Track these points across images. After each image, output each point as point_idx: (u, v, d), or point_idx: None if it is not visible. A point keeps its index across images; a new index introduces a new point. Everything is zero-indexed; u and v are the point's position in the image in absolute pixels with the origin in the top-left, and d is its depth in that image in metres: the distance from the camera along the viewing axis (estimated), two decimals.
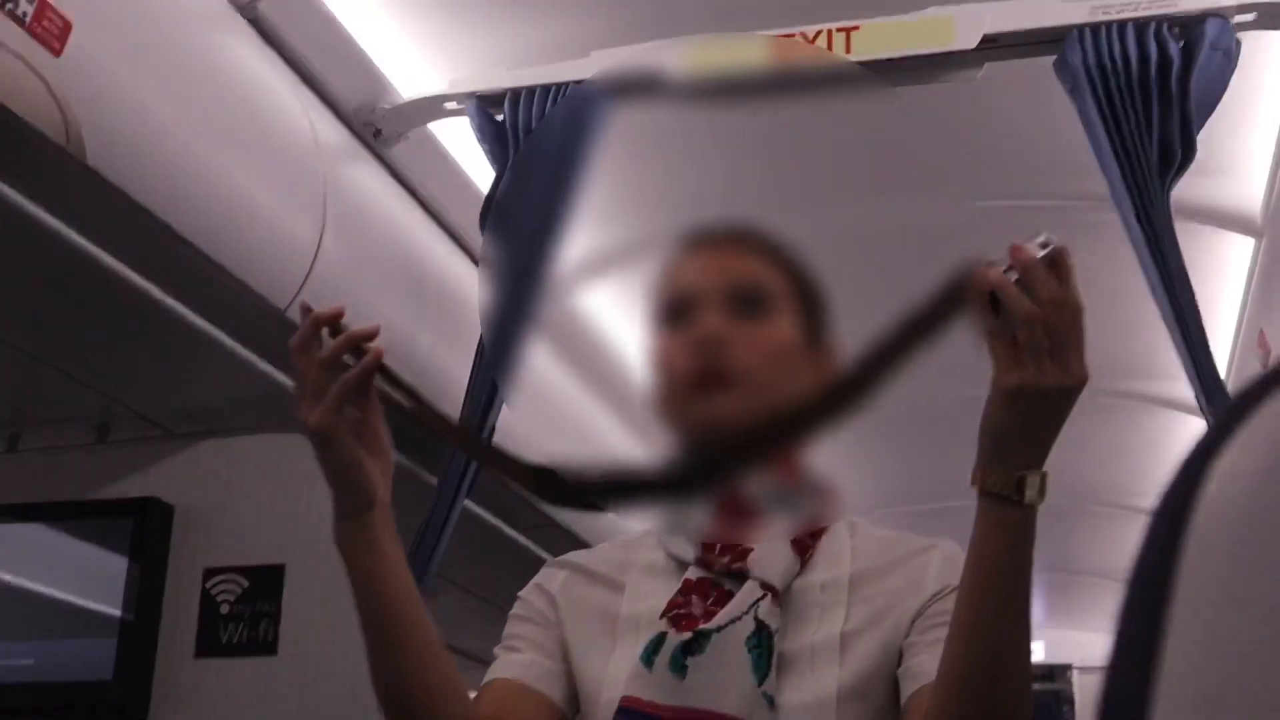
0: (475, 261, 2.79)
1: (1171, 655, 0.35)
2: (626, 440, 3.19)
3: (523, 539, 3.06)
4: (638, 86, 2.46)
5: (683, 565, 1.19)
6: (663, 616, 1.18)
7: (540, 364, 2.65)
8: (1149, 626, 0.36)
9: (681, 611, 1.21)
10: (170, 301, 1.98)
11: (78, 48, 1.65)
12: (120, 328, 2.06)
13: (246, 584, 2.11)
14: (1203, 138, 2.27)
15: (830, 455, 1.35)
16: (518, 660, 1.22)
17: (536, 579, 1.33)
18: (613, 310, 3.10)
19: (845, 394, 1.06)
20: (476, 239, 2.56)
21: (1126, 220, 2.29)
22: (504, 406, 2.33)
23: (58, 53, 1.61)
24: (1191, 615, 0.35)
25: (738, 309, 1.20)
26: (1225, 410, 0.38)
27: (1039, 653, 7.30)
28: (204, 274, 1.99)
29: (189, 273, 1.98)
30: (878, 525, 1.30)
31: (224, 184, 1.98)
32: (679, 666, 1.19)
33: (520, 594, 1.30)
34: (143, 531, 2.13)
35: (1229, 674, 0.34)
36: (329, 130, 2.31)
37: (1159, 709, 0.35)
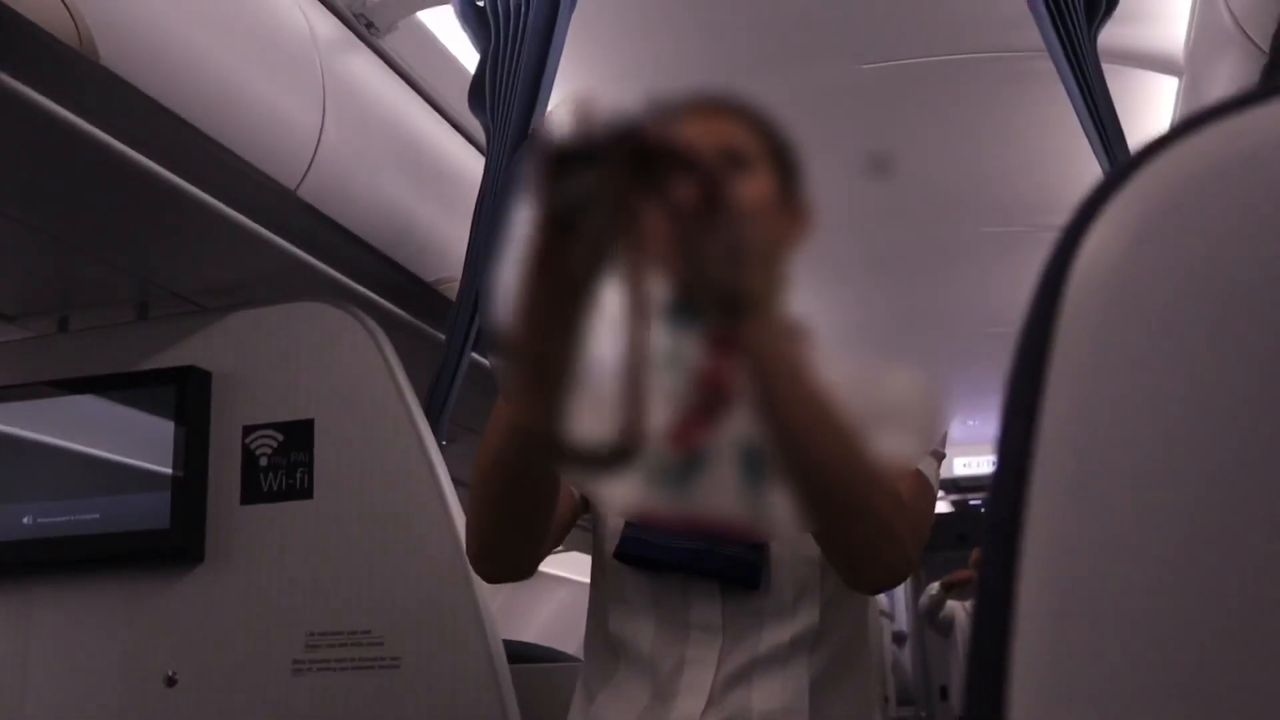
0: (467, 138, 2.78)
1: (1050, 412, 0.37)
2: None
3: None
4: None
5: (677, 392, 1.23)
6: (661, 438, 1.23)
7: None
8: (1032, 388, 0.37)
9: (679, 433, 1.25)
10: (192, 189, 1.98)
11: None
12: (151, 216, 2.07)
13: (281, 438, 2.15)
14: None
15: (802, 295, 1.37)
16: None
17: None
18: None
19: None
20: (468, 117, 2.54)
21: (1059, 66, 2.28)
22: (499, 268, 2.35)
23: None
24: (1068, 374, 0.37)
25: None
26: (1096, 187, 0.39)
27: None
28: (220, 162, 1.99)
29: (207, 162, 1.98)
30: (845, 356, 1.34)
31: (230, 79, 1.97)
32: (679, 484, 1.24)
33: None
34: (185, 396, 2.16)
35: (1100, 424, 0.36)
36: (324, 24, 2.29)
37: (1039, 461, 0.37)
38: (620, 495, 1.28)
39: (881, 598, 6.26)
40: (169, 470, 2.14)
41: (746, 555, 1.23)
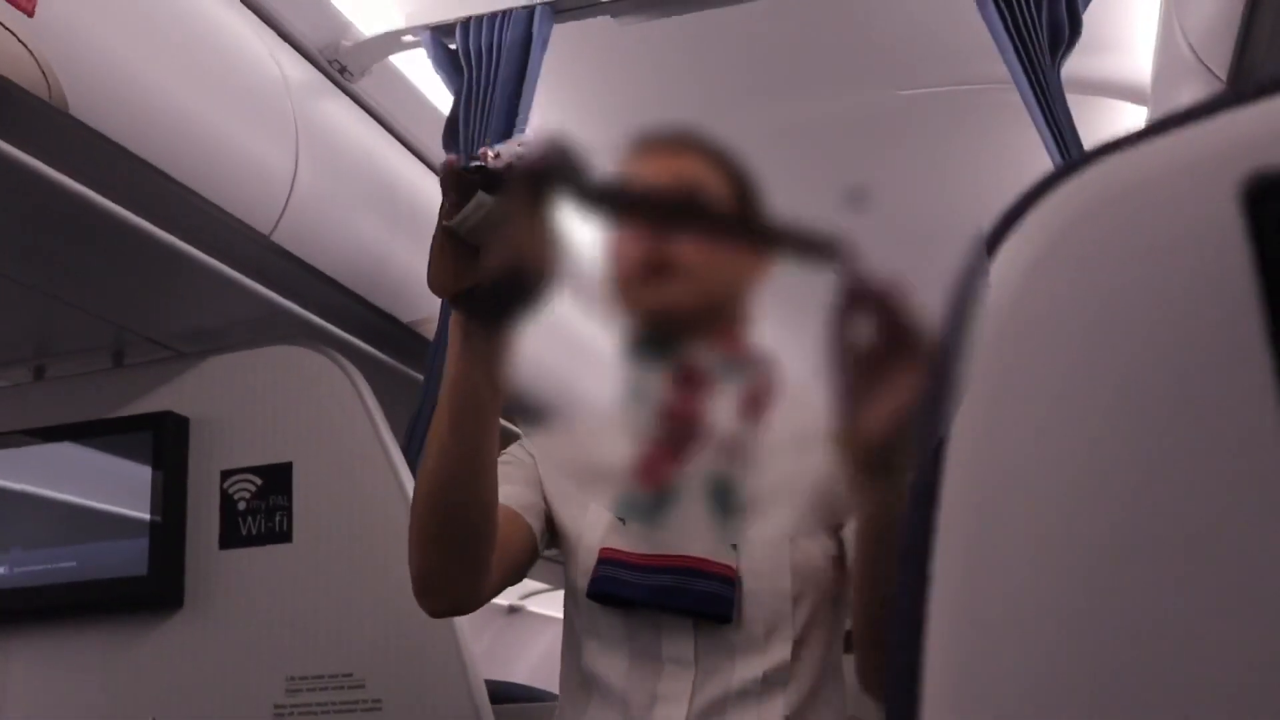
0: None
1: (956, 438, 0.38)
2: (588, 324, 3.23)
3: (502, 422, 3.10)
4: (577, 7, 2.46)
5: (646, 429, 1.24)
6: (631, 474, 1.24)
7: None
8: (942, 393, 0.39)
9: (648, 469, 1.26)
10: (166, 236, 2.00)
11: (48, 7, 1.65)
12: (125, 263, 2.08)
13: (260, 482, 2.15)
14: (1092, 18, 2.28)
15: (782, 331, 1.39)
16: (505, 490, 1.27)
17: (520, 441, 1.40)
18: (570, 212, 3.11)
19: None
20: (442, 158, 2.56)
21: (1025, 97, 2.31)
22: None
23: (30, 13, 1.61)
24: (970, 401, 0.38)
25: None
26: (1007, 208, 0.40)
27: None
28: (194, 209, 2.01)
29: (180, 209, 2.00)
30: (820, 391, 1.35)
31: (202, 126, 1.98)
32: (650, 519, 1.25)
33: (505, 449, 1.36)
34: (162, 442, 2.16)
35: (1000, 449, 0.37)
36: (296, 70, 2.30)
37: (946, 487, 0.38)
38: (591, 529, 1.29)
39: None
40: (146, 516, 2.14)
41: (719, 589, 1.23)
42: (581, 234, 1.18)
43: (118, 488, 2.17)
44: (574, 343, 3.27)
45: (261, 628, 2.09)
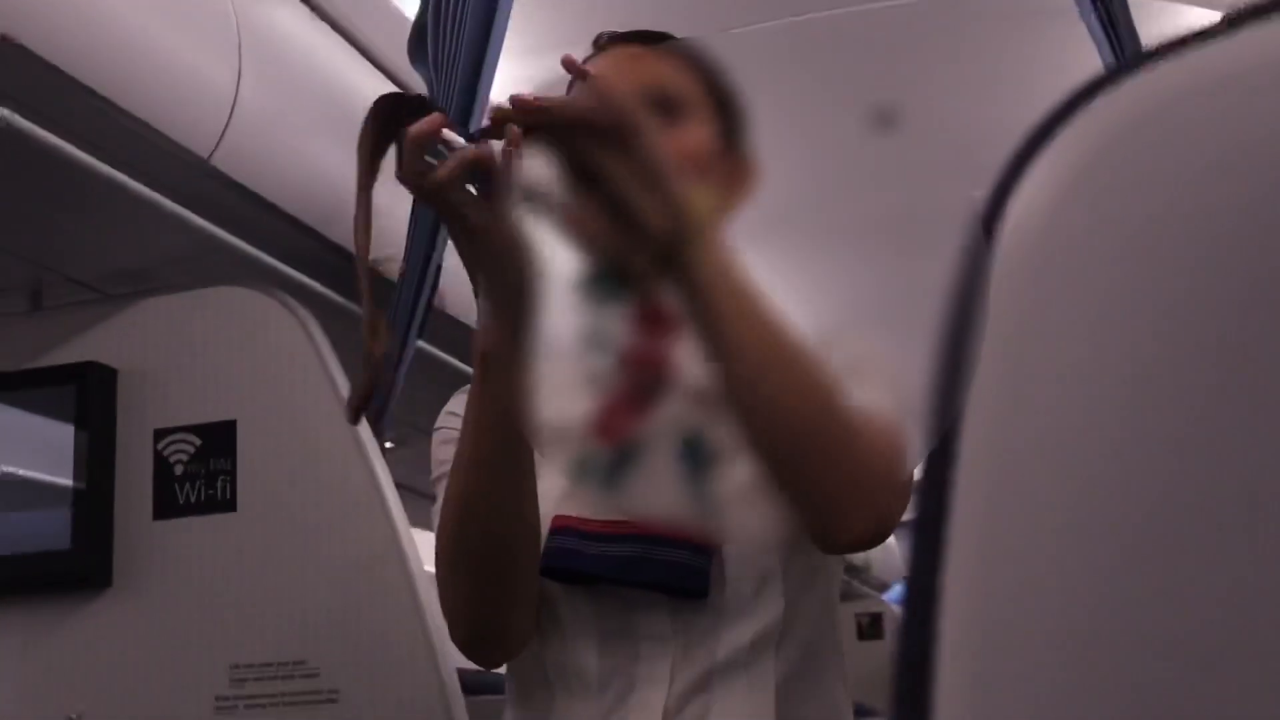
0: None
1: (976, 386, 0.39)
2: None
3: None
4: None
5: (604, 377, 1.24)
6: (588, 430, 1.23)
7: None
8: (960, 343, 0.40)
9: (607, 424, 1.26)
10: (90, 160, 2.00)
11: None
12: (42, 192, 2.09)
13: (199, 443, 2.16)
14: None
15: (777, 267, 1.38)
16: None
17: (449, 406, 1.38)
18: None
19: None
20: (407, 70, 2.56)
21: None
22: (446, 241, 2.37)
23: None
24: (993, 347, 0.39)
25: (652, 114, 1.23)
26: (1034, 127, 0.41)
27: None
28: (121, 128, 2.01)
29: (105, 129, 2.00)
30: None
31: (129, 34, 1.98)
32: (609, 480, 1.25)
33: (437, 424, 1.35)
34: (87, 397, 2.17)
35: (1024, 380, 0.38)
36: None
37: (969, 415, 0.39)
38: (542, 500, 1.28)
39: None
40: (69, 482, 2.15)
41: (690, 559, 1.22)
42: None
43: (35, 450, 2.19)
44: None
45: (202, 609, 2.10)
